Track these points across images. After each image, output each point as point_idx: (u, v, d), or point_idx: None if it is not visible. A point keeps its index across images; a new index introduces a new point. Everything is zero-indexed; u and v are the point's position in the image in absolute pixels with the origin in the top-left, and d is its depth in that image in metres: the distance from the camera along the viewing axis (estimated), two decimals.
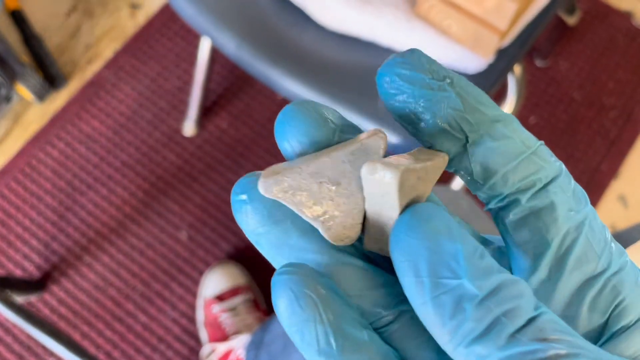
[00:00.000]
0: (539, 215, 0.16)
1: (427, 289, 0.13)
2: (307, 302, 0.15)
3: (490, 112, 0.16)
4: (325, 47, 0.75)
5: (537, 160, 0.16)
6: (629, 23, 1.22)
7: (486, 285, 0.13)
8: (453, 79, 0.16)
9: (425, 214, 0.14)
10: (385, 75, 0.16)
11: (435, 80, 0.16)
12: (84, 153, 1.10)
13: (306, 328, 0.15)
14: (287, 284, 0.15)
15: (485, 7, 0.62)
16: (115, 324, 0.98)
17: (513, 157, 0.16)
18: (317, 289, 0.15)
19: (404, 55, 0.16)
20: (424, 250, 0.13)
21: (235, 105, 1.14)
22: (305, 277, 0.15)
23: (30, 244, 1.03)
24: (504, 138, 0.16)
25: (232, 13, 0.77)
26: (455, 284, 0.13)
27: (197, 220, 1.05)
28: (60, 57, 1.17)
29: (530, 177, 0.16)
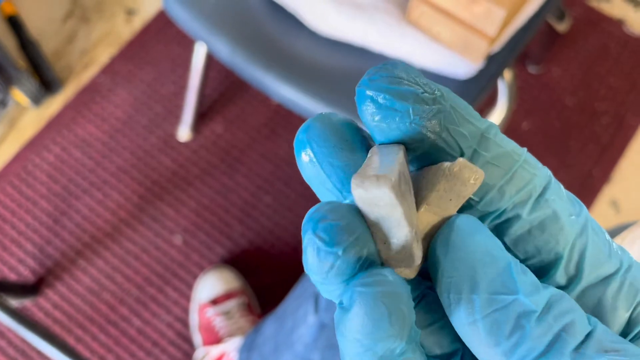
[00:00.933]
0: (543, 227, 0.15)
1: (478, 306, 0.13)
2: (398, 319, 0.13)
3: (479, 124, 0.15)
4: (318, 52, 0.76)
5: (529, 169, 0.15)
6: (620, 30, 1.23)
7: (540, 301, 0.13)
8: (442, 91, 0.15)
9: (467, 228, 0.13)
10: (368, 89, 0.14)
11: (428, 94, 0.14)
12: (79, 157, 1.10)
13: (384, 343, 0.13)
14: (380, 298, 0.13)
15: (474, 14, 0.63)
16: (109, 328, 0.99)
17: (507, 169, 0.15)
18: (406, 303, 0.13)
19: (387, 69, 0.15)
20: (474, 265, 0.13)
21: (231, 110, 1.14)
22: (395, 287, 0.13)
23: (25, 248, 1.04)
24: (497, 149, 0.15)
25: (227, 19, 0.78)
26: (511, 299, 0.12)
27: (191, 225, 1.05)
28: (56, 63, 1.18)
29: (526, 188, 0.15)
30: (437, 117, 0.14)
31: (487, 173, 0.15)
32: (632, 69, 1.20)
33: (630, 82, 1.19)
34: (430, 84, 0.15)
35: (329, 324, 0.57)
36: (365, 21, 0.71)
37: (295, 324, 0.63)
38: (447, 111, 0.14)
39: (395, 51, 0.72)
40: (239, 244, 1.04)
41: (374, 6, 0.71)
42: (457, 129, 0.15)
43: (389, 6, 0.72)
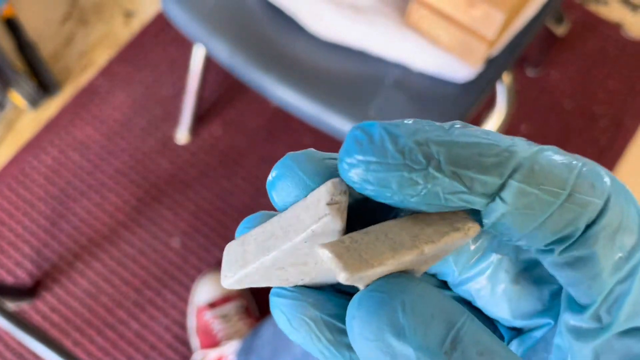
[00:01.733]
0: (577, 267, 0.13)
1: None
2: (300, 323, 0.15)
3: (501, 172, 0.13)
4: (317, 55, 0.76)
5: (572, 207, 0.13)
6: (618, 34, 1.24)
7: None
8: (439, 155, 0.12)
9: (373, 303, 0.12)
10: (350, 182, 0.13)
11: (417, 171, 0.12)
12: (77, 160, 1.10)
13: (307, 346, 0.15)
14: (278, 306, 0.15)
15: (473, 17, 0.63)
16: (107, 331, 0.98)
17: (536, 216, 0.13)
18: (308, 311, 0.15)
19: (362, 146, 0.13)
20: (376, 353, 0.12)
21: (229, 112, 1.14)
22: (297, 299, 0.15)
23: (22, 250, 1.03)
24: (522, 197, 0.13)
25: (225, 21, 0.78)
26: None
27: (189, 227, 1.05)
28: (54, 65, 1.18)
29: (565, 230, 0.13)
30: (432, 192, 0.12)
31: (507, 225, 0.13)
32: (630, 72, 1.20)
33: (628, 85, 1.19)
34: (420, 154, 0.12)
35: None
36: (365, 24, 0.71)
37: None
38: (447, 182, 0.12)
39: (394, 54, 0.72)
40: None
41: (373, 9, 0.71)
42: (463, 195, 0.13)
43: (388, 9, 0.72)
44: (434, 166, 0.12)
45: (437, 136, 0.13)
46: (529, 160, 0.13)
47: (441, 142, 0.12)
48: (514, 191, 0.12)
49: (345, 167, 0.13)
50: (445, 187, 0.12)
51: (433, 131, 0.13)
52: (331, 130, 0.74)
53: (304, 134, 1.12)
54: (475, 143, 0.13)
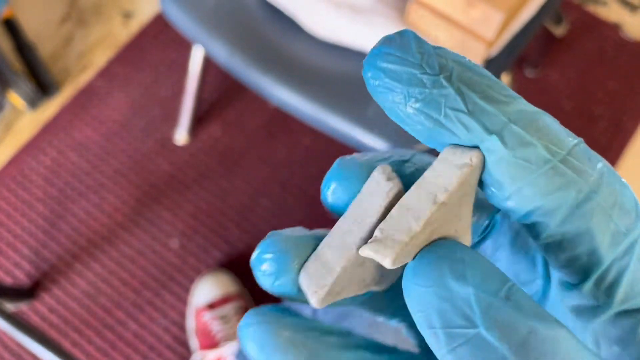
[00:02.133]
0: (575, 243, 0.13)
1: (443, 341, 0.12)
2: (274, 348, 0.14)
3: (504, 110, 0.13)
4: (316, 56, 0.76)
5: (567, 171, 0.13)
6: (616, 34, 1.24)
7: (511, 336, 0.11)
8: (452, 70, 0.13)
9: (432, 256, 0.12)
10: (368, 70, 0.13)
11: (428, 75, 0.13)
12: (76, 161, 1.10)
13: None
14: (248, 337, 0.15)
15: (472, 17, 0.63)
16: (106, 332, 0.98)
17: (531, 169, 0.13)
18: (283, 332, 0.15)
19: (390, 43, 0.13)
20: (432, 298, 0.12)
21: (228, 113, 1.14)
22: (268, 323, 0.15)
23: (21, 251, 1.03)
24: (521, 145, 0.13)
25: (224, 22, 0.78)
26: (472, 333, 0.11)
27: (189, 228, 1.05)
28: (53, 66, 1.18)
29: (555, 194, 0.13)
30: (435, 101, 0.13)
31: (501, 173, 0.13)
32: (629, 72, 1.21)
33: (627, 86, 1.20)
34: (434, 61, 0.13)
35: None
36: (363, 24, 0.71)
37: None
38: (452, 95, 0.13)
39: None
40: (237, 247, 1.04)
41: (372, 9, 0.71)
42: (467, 116, 0.13)
43: (386, 9, 0.72)
44: (445, 76, 0.13)
45: (459, 57, 0.13)
46: (533, 114, 0.13)
47: (459, 62, 0.13)
48: (515, 136, 0.13)
49: (369, 57, 0.13)
50: (448, 99, 0.13)
51: (459, 56, 0.13)
52: (330, 130, 0.74)
53: (303, 134, 1.12)
54: (489, 77, 0.13)
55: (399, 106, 0.13)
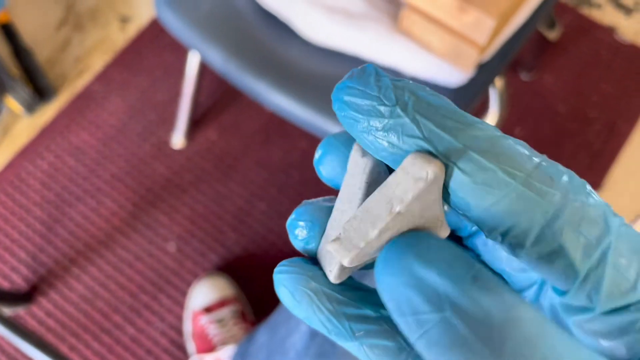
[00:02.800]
0: (549, 260, 0.14)
1: (413, 328, 0.12)
2: (302, 295, 0.16)
3: (460, 136, 0.13)
4: (310, 61, 0.76)
5: (529, 194, 0.13)
6: (611, 37, 1.25)
7: (476, 318, 0.11)
8: (409, 101, 0.14)
9: (399, 246, 0.13)
10: (335, 102, 0.15)
11: (386, 106, 0.14)
12: (73, 165, 1.10)
13: (309, 319, 0.16)
14: (281, 282, 0.16)
15: (464, 23, 0.63)
16: (103, 336, 0.98)
17: (493, 193, 0.13)
18: (310, 283, 0.16)
19: (353, 77, 0.14)
20: (400, 286, 0.12)
21: (225, 117, 1.15)
22: (298, 273, 0.16)
23: (18, 256, 1.03)
24: (480, 170, 0.13)
25: (219, 28, 0.78)
26: (439, 318, 0.12)
27: (185, 232, 1.05)
28: (50, 70, 1.18)
29: (522, 217, 0.13)
30: (393, 129, 0.14)
31: (463, 200, 0.14)
32: (623, 76, 1.21)
33: (621, 89, 1.20)
34: (390, 93, 0.14)
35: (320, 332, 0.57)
36: (357, 30, 0.72)
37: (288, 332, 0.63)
38: (408, 124, 0.14)
39: (386, 60, 0.72)
40: (233, 251, 1.04)
41: (366, 15, 0.72)
42: (422, 143, 0.14)
43: (380, 15, 0.72)
44: (401, 107, 0.14)
45: (417, 89, 0.14)
46: (491, 139, 0.14)
47: (416, 93, 0.14)
48: (472, 162, 0.13)
49: (336, 90, 0.15)
50: (405, 127, 0.14)
51: (417, 88, 0.14)
52: (325, 135, 0.75)
53: (299, 138, 1.12)
54: (446, 107, 0.14)
55: (363, 134, 0.14)
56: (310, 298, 0.16)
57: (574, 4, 1.27)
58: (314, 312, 0.16)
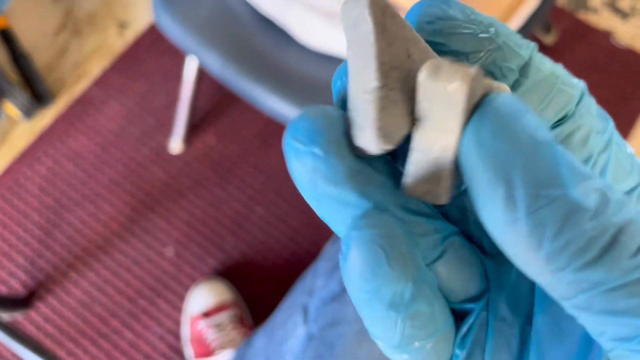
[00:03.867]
0: (567, 142, 0.15)
1: (522, 203, 0.11)
2: (398, 260, 0.13)
3: (525, 53, 0.15)
4: (308, 66, 0.76)
5: (567, 89, 0.15)
6: (607, 42, 1.25)
7: (594, 195, 0.11)
8: (495, 26, 0.14)
9: (510, 108, 0.11)
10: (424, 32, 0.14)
11: (484, 34, 0.14)
12: (71, 170, 1.10)
13: (388, 287, 0.13)
14: (376, 241, 0.13)
15: None
16: (101, 341, 0.98)
17: (546, 93, 0.14)
18: (404, 246, 0.13)
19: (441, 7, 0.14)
20: (517, 156, 0.11)
21: (223, 121, 1.15)
22: (392, 228, 0.13)
23: (16, 261, 1.03)
24: (536, 75, 0.15)
25: (217, 33, 0.78)
26: (559, 194, 0.10)
27: (183, 237, 1.05)
28: (48, 75, 1.18)
29: (564, 110, 0.15)
30: (492, 56, 0.14)
31: (527, 100, 0.14)
32: (620, 80, 1.21)
33: (618, 93, 1.20)
34: (483, 21, 0.14)
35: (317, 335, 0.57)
36: None
37: (285, 336, 0.63)
38: (501, 48, 0.14)
39: None
40: (231, 255, 1.04)
41: None
42: (508, 65, 0.14)
43: None
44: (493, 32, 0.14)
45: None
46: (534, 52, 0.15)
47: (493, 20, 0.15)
48: (530, 70, 0.14)
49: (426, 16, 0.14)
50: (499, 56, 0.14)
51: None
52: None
53: None
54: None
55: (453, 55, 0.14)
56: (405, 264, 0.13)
57: (570, 9, 1.28)
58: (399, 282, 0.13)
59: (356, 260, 0.12)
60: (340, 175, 0.13)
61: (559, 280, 0.11)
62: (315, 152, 0.13)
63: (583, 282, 0.10)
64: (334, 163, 0.13)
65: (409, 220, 0.14)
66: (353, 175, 0.13)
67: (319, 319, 0.54)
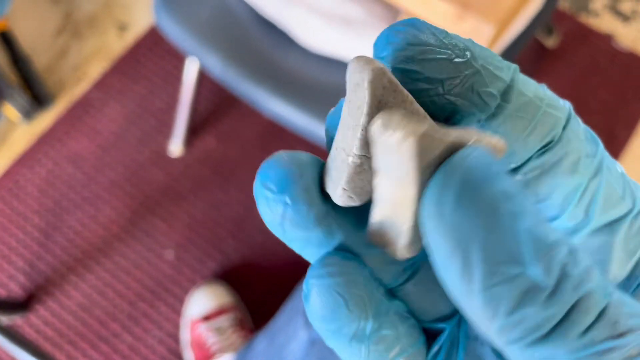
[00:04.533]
0: (555, 170, 0.14)
1: (478, 278, 0.10)
2: (357, 303, 0.13)
3: (506, 76, 0.14)
4: (309, 68, 0.76)
5: (552, 112, 0.14)
6: (609, 45, 1.25)
7: (555, 271, 0.10)
8: (473, 50, 0.13)
9: (477, 172, 0.11)
10: (389, 62, 0.13)
11: (459, 58, 0.13)
12: (71, 172, 1.10)
13: (348, 326, 0.13)
14: (334, 289, 0.13)
15: (462, 30, 0.63)
16: (100, 345, 0.98)
17: (531, 117, 0.14)
18: (363, 287, 0.13)
19: (409, 32, 0.13)
20: (477, 231, 0.10)
21: (224, 123, 1.15)
22: (350, 275, 0.13)
23: (16, 264, 1.03)
24: (520, 99, 0.14)
25: (218, 35, 0.78)
26: (517, 272, 0.10)
27: (184, 239, 1.05)
28: (48, 78, 1.18)
29: (550, 134, 0.14)
30: (470, 82, 0.13)
31: (510, 126, 0.14)
32: (621, 83, 1.21)
33: (619, 96, 1.20)
34: (458, 44, 0.13)
35: (319, 339, 0.57)
36: (355, 37, 0.72)
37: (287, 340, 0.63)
38: (479, 72, 0.13)
39: None
40: (232, 258, 1.04)
41: (363, 22, 0.72)
42: (487, 90, 0.13)
43: (378, 22, 0.72)
44: (469, 56, 0.13)
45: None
46: (516, 73, 0.14)
47: (470, 42, 0.14)
48: (512, 95, 0.14)
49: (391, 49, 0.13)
50: (477, 80, 0.13)
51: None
52: (323, 142, 0.75)
53: (297, 145, 1.12)
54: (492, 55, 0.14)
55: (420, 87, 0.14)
56: (364, 306, 0.13)
57: (571, 12, 1.28)
58: (359, 320, 0.13)
59: (316, 304, 0.13)
60: (308, 221, 0.14)
61: (510, 351, 0.11)
62: (285, 201, 0.14)
63: (531, 357, 0.11)
64: (303, 209, 0.14)
65: (374, 254, 0.14)
66: (320, 219, 0.14)
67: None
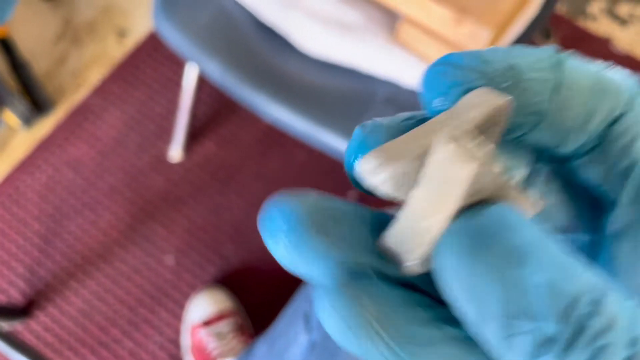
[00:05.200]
0: (617, 141, 0.14)
1: (492, 329, 0.10)
2: (361, 325, 0.12)
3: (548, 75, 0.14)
4: (308, 73, 0.76)
5: (609, 94, 0.14)
6: (606, 48, 1.25)
7: (570, 322, 0.10)
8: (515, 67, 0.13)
9: (494, 226, 0.11)
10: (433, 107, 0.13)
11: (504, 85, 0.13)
12: (71, 178, 1.10)
13: (368, 352, 0.12)
14: (337, 311, 0.12)
15: (461, 34, 0.64)
16: (101, 351, 0.98)
17: (584, 103, 0.13)
18: (367, 307, 0.12)
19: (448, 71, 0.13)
20: (492, 285, 0.10)
21: (223, 128, 1.15)
22: (353, 296, 0.12)
23: (16, 270, 1.03)
24: (571, 86, 0.13)
25: (218, 40, 0.78)
26: (531, 327, 0.10)
27: (184, 244, 1.05)
28: (48, 84, 1.18)
29: (611, 115, 0.13)
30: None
31: (563, 118, 0.13)
32: None
33: None
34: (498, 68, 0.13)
35: (319, 343, 0.57)
36: (354, 42, 0.72)
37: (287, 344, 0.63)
38: (526, 90, 0.13)
39: (383, 71, 0.73)
40: (232, 263, 1.04)
41: (362, 27, 0.72)
42: (533, 105, 0.13)
43: (376, 27, 0.73)
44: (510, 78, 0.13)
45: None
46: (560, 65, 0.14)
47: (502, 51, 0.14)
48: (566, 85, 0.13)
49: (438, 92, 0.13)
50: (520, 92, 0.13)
51: None
52: (323, 147, 0.75)
53: (297, 149, 1.13)
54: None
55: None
56: (371, 326, 0.12)
57: (569, 15, 1.28)
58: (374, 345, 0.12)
59: (326, 326, 0.13)
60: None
61: None
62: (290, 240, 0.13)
63: None
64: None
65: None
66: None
67: (321, 327, 0.54)
